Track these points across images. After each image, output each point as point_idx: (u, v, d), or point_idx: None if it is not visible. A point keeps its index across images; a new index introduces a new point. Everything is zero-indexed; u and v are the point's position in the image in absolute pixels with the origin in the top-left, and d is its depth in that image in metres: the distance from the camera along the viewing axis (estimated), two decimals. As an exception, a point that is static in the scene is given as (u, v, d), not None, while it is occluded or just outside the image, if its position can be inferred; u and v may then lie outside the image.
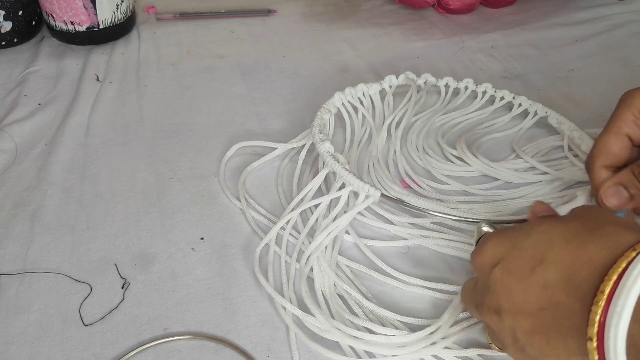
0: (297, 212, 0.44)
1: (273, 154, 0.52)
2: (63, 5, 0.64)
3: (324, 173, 0.45)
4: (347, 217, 0.43)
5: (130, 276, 0.41)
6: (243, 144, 0.52)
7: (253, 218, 0.46)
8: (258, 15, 0.77)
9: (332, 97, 0.54)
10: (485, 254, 0.31)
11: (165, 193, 0.48)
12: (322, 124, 0.51)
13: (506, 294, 0.29)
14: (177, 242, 0.44)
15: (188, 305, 0.40)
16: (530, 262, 0.29)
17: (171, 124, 0.57)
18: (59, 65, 0.65)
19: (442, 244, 0.44)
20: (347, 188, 0.43)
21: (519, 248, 0.30)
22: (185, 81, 0.63)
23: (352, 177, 0.42)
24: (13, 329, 0.38)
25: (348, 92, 0.55)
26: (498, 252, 0.31)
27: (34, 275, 0.41)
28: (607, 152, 0.39)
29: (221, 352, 0.37)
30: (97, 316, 0.39)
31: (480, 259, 0.32)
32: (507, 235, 0.31)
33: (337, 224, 0.42)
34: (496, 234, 0.32)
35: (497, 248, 0.31)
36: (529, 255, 0.29)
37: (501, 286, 0.30)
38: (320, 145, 0.45)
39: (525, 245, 0.30)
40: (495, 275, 0.30)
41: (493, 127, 0.56)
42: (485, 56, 0.68)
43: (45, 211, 0.46)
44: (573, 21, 0.75)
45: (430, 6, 0.76)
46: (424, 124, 0.56)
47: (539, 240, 0.29)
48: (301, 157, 0.51)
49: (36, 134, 0.55)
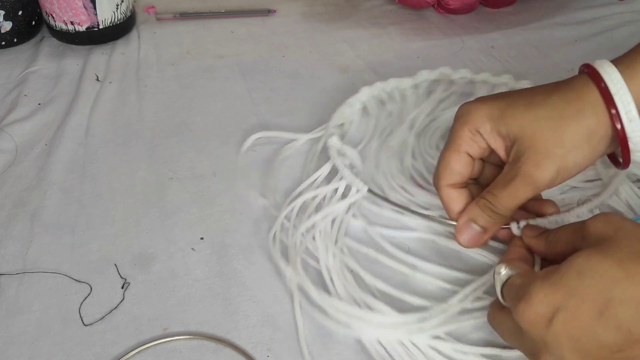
0: (300, 200, 0.45)
1: (295, 144, 0.52)
2: (63, 5, 0.64)
3: (328, 166, 0.48)
4: (339, 206, 0.44)
5: (130, 276, 0.41)
6: (261, 134, 0.53)
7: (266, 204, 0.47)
8: (258, 15, 0.77)
9: (359, 91, 0.55)
10: (537, 307, 0.29)
11: (165, 193, 0.48)
12: (342, 118, 0.53)
13: (573, 346, 0.28)
14: (177, 242, 0.44)
15: (188, 305, 0.40)
16: (596, 305, 0.27)
17: (171, 124, 0.57)
18: (59, 65, 0.65)
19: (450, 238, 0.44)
20: (343, 181, 0.46)
21: (576, 294, 0.28)
22: (185, 81, 0.63)
23: (346, 171, 0.45)
24: (13, 329, 0.38)
25: (377, 87, 0.56)
26: (553, 302, 0.28)
27: (34, 275, 0.41)
28: (451, 170, 0.39)
29: (221, 352, 0.37)
30: (97, 316, 0.39)
31: (531, 314, 0.29)
32: (557, 282, 0.29)
33: (328, 211, 0.44)
34: (541, 283, 0.29)
35: (549, 298, 0.28)
36: (592, 299, 0.27)
37: (566, 338, 0.28)
38: (328, 139, 0.49)
39: (583, 289, 0.28)
40: (556, 328, 0.28)
41: None
42: (485, 56, 0.68)
43: (45, 211, 0.46)
44: (573, 21, 0.75)
45: (430, 6, 0.76)
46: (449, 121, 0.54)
47: (597, 280, 0.27)
48: (318, 149, 0.51)
49: (36, 134, 0.55)
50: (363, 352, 0.37)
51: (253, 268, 0.42)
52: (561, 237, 0.34)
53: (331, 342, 0.37)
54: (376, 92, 0.56)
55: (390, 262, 0.42)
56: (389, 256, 0.42)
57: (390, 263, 0.42)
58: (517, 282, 0.31)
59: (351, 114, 0.54)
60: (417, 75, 0.57)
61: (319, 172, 0.48)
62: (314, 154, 0.51)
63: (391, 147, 0.51)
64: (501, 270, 0.33)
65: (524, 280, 0.31)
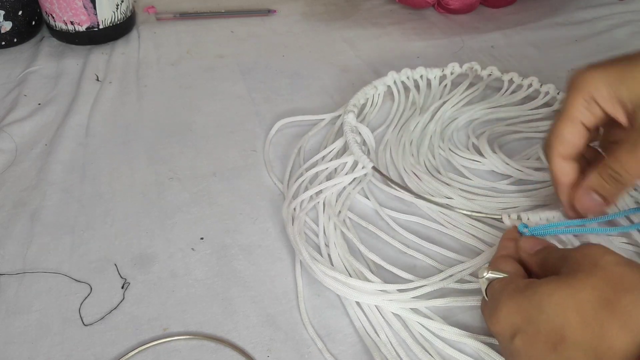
0: (311, 172, 0.48)
1: (319, 126, 0.55)
2: (63, 5, 0.64)
3: (341, 141, 0.51)
4: (344, 179, 0.47)
5: (130, 276, 0.41)
6: (288, 119, 0.56)
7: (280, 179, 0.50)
8: (258, 15, 0.77)
9: (386, 75, 0.58)
10: (502, 322, 0.30)
11: (165, 193, 0.49)
12: (365, 97, 0.55)
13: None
14: (177, 242, 0.44)
15: (188, 305, 0.40)
16: (551, 338, 0.28)
17: (171, 124, 0.57)
18: (59, 65, 0.65)
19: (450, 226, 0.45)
20: (351, 156, 0.48)
21: (534, 322, 0.29)
22: (185, 81, 0.63)
23: (355, 147, 0.48)
24: (13, 329, 0.38)
25: (404, 73, 0.58)
26: (514, 322, 0.30)
27: (33, 275, 0.41)
28: (563, 140, 0.37)
29: (221, 352, 0.37)
30: (97, 316, 0.39)
31: (498, 325, 0.30)
32: (520, 304, 0.30)
33: (335, 182, 0.46)
34: (508, 300, 0.30)
35: (512, 317, 0.30)
36: (547, 331, 0.28)
37: (525, 356, 0.29)
38: (345, 115, 0.51)
39: (540, 321, 0.29)
40: (516, 345, 0.29)
41: (539, 127, 0.55)
42: (485, 56, 0.68)
43: (45, 211, 0.46)
44: (573, 21, 0.75)
45: (430, 6, 0.76)
46: (471, 115, 0.56)
47: (554, 316, 0.28)
48: (337, 126, 0.54)
49: (36, 134, 0.55)
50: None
51: (253, 268, 0.42)
52: (550, 257, 0.34)
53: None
54: (403, 77, 0.58)
55: (387, 238, 0.44)
56: (388, 233, 0.44)
57: (387, 238, 0.44)
58: (497, 289, 0.32)
59: (374, 94, 0.57)
60: (447, 67, 0.59)
61: (332, 146, 0.51)
62: (333, 132, 0.54)
63: (409, 133, 0.52)
64: (484, 275, 0.34)
65: (501, 289, 0.32)
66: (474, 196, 0.47)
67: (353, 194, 0.47)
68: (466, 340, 0.36)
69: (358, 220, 0.45)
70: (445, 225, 0.45)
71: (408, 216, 0.45)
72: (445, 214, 0.45)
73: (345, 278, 0.39)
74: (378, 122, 0.56)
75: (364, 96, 0.55)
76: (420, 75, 0.59)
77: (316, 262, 0.40)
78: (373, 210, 0.47)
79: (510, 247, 0.37)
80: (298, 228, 0.43)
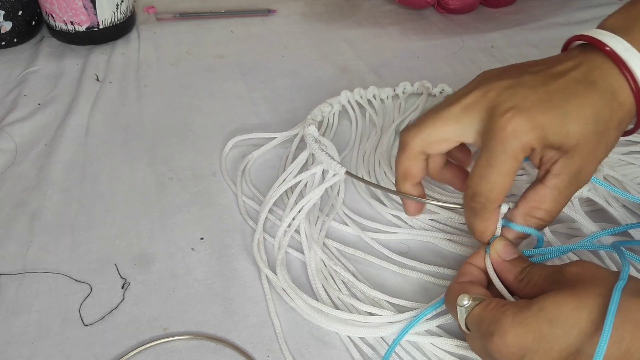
0: (279, 192, 0.45)
1: (271, 144, 0.53)
2: (63, 5, 0.64)
3: (305, 154, 0.47)
4: (317, 192, 0.44)
5: (130, 276, 0.41)
6: (240, 137, 0.53)
7: (244, 203, 0.47)
8: (258, 15, 0.77)
9: (339, 94, 0.56)
10: (511, 345, 0.29)
11: (165, 193, 0.48)
12: (321, 115, 0.53)
13: None
14: (177, 242, 0.44)
15: (188, 305, 0.40)
16: (563, 355, 0.28)
17: (171, 124, 0.57)
18: (59, 65, 0.65)
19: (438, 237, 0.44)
20: (320, 165, 0.45)
21: (547, 340, 0.28)
22: (185, 81, 0.63)
23: (324, 155, 0.44)
24: (13, 329, 0.38)
25: (357, 92, 0.57)
26: (524, 343, 0.28)
27: (33, 276, 0.41)
28: (407, 176, 0.38)
29: (221, 352, 0.37)
30: (97, 316, 0.39)
31: (505, 350, 0.29)
32: (528, 323, 0.29)
33: (307, 199, 0.44)
34: (512, 321, 0.29)
35: (521, 338, 0.29)
36: (561, 348, 0.28)
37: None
38: (306, 128, 0.48)
39: (553, 336, 0.28)
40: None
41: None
42: (485, 56, 0.68)
43: (45, 211, 0.46)
44: (573, 21, 0.75)
45: (430, 6, 0.76)
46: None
47: (567, 329, 0.28)
48: (294, 145, 0.52)
49: (36, 134, 0.55)
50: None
51: (253, 268, 0.42)
52: (536, 275, 0.33)
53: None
54: (357, 97, 0.57)
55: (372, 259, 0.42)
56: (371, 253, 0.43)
57: (373, 260, 0.42)
58: (486, 314, 0.31)
59: (329, 113, 0.55)
60: (398, 86, 0.58)
61: (296, 162, 0.47)
62: (291, 150, 0.52)
63: (376, 151, 0.51)
64: (464, 302, 0.32)
65: (494, 313, 0.30)
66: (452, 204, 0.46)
67: (329, 220, 0.45)
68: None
69: (343, 248, 0.43)
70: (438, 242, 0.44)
71: (389, 235, 0.44)
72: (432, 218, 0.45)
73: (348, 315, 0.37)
74: (336, 142, 0.52)
75: (320, 113, 0.53)
76: (373, 94, 0.57)
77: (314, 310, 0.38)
78: (357, 236, 0.45)
79: (474, 274, 0.36)
80: (282, 276, 0.40)
